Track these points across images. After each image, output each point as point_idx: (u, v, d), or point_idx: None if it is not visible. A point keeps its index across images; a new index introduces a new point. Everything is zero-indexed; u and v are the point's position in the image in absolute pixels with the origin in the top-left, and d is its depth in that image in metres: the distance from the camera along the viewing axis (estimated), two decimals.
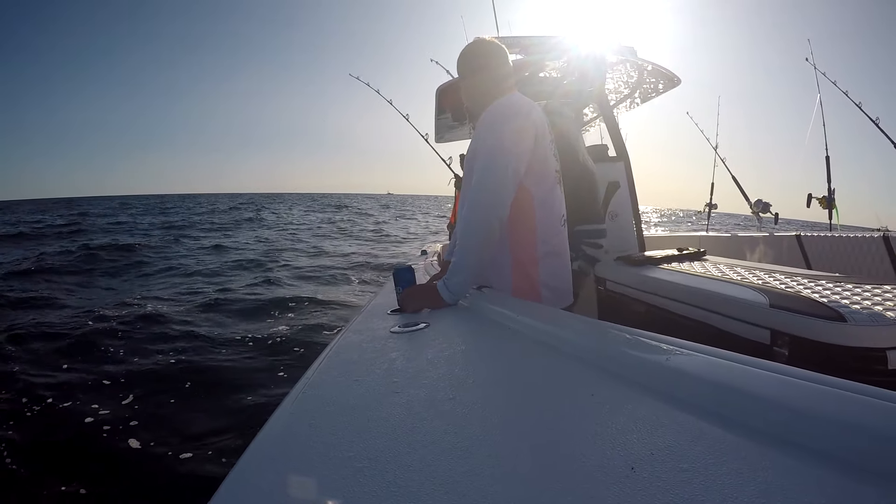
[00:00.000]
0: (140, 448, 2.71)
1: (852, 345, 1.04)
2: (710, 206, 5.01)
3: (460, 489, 0.40)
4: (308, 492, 0.43)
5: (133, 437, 2.80)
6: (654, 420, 0.49)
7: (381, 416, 0.57)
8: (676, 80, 3.04)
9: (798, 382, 0.48)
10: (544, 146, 1.37)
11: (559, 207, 1.43)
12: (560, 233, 1.44)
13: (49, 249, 10.77)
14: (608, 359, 0.67)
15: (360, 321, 1.17)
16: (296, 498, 0.42)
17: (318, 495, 0.42)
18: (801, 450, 0.40)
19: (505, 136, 1.28)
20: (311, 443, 0.52)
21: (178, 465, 2.54)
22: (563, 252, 1.46)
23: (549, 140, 1.40)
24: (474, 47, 1.48)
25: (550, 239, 1.40)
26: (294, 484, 0.44)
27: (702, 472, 0.38)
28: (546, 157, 1.38)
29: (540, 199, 1.37)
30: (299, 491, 0.43)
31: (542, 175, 1.37)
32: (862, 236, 2.43)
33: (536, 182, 1.36)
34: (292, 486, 0.44)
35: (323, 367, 0.82)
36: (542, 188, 1.37)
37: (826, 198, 3.70)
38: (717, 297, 1.44)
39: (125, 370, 3.73)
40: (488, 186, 1.26)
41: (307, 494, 0.42)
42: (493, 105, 1.35)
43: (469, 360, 0.78)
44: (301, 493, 0.42)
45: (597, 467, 0.41)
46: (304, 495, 0.42)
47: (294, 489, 0.43)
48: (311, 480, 0.44)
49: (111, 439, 2.79)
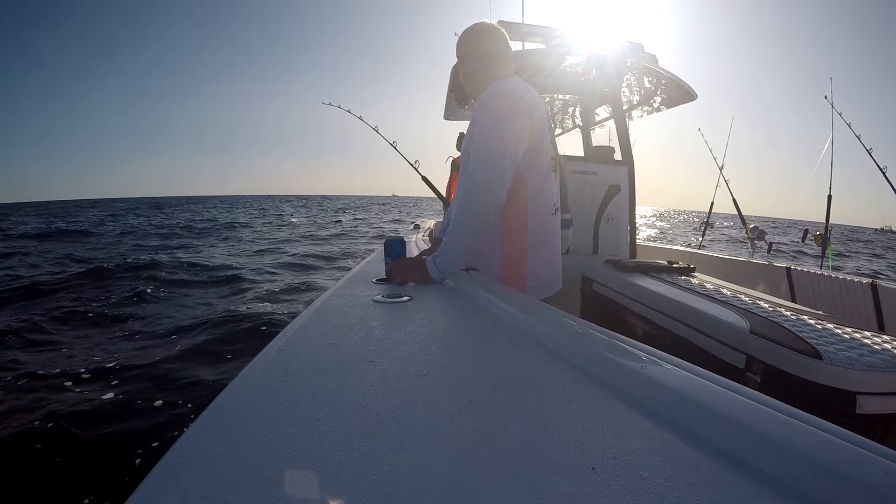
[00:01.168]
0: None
1: (824, 383, 1.06)
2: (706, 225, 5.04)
3: (421, 464, 0.40)
4: (272, 447, 0.43)
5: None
6: (620, 424, 0.49)
7: (353, 383, 0.57)
8: (693, 95, 3.02)
9: (766, 410, 0.49)
10: (541, 132, 1.34)
11: (552, 196, 1.42)
12: (551, 222, 1.42)
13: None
14: (584, 358, 0.67)
15: (344, 286, 1.17)
16: (258, 451, 0.42)
17: (282, 452, 0.42)
18: (758, 475, 0.40)
19: (502, 121, 1.25)
20: (280, 400, 0.52)
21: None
22: (554, 241, 1.45)
23: (546, 126, 1.37)
24: (473, 30, 1.44)
25: (541, 229, 1.39)
26: (258, 437, 0.44)
27: (661, 483, 0.39)
28: (542, 144, 1.35)
29: (534, 188, 1.35)
30: (262, 445, 0.43)
31: (537, 162, 1.35)
32: (850, 279, 2.46)
33: (532, 170, 1.34)
34: (256, 440, 0.44)
35: (301, 326, 0.82)
36: (537, 176, 1.35)
37: (822, 235, 3.73)
38: (699, 315, 1.46)
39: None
40: (484, 173, 1.24)
41: (271, 449, 0.42)
42: (489, 88, 1.31)
43: (448, 339, 0.78)
44: (265, 448, 0.42)
45: (558, 462, 0.41)
46: (267, 449, 0.42)
47: (257, 442, 0.43)
48: (276, 436, 0.44)
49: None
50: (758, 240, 4.17)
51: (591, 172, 2.87)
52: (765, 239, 4.15)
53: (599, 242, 2.90)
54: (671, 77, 2.84)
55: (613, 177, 2.91)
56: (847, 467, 0.40)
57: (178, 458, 0.42)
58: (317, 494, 0.37)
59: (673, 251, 3.97)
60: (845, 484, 0.38)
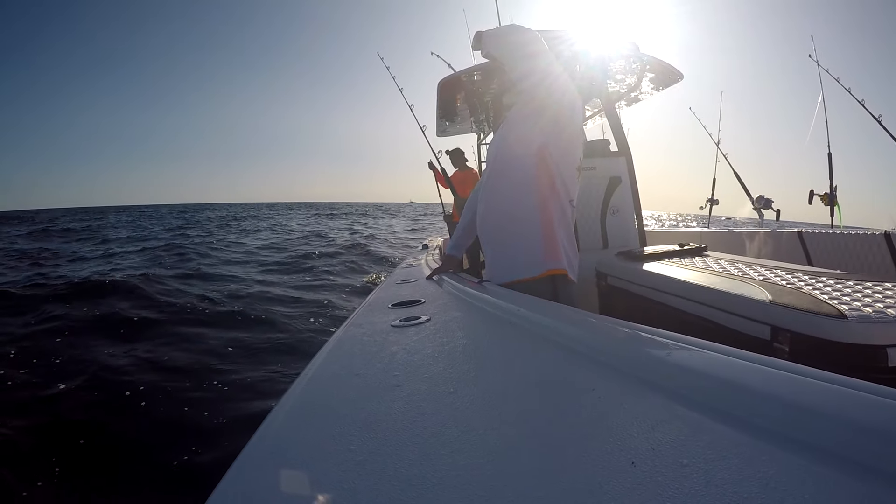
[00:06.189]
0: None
1: (853, 342, 1.04)
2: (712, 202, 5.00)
3: (460, 483, 0.40)
4: (309, 485, 0.43)
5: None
6: (654, 415, 0.49)
7: (382, 410, 0.57)
8: (679, 75, 3.03)
9: (798, 378, 0.48)
10: (570, 127, 1.46)
11: (573, 190, 1.52)
12: (570, 209, 1.51)
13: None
14: (609, 354, 0.67)
15: (361, 315, 1.17)
16: (297, 492, 0.42)
17: (319, 488, 0.42)
18: (800, 446, 0.40)
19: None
20: (310, 436, 0.52)
21: (181, 460, 2.57)
22: (571, 226, 1.54)
23: (577, 122, 1.48)
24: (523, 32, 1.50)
25: (565, 211, 1.48)
26: (294, 478, 0.44)
27: (702, 468, 0.38)
28: (574, 145, 1.48)
29: (561, 179, 1.46)
30: (300, 484, 0.43)
31: (567, 161, 1.47)
32: (863, 233, 2.43)
33: (560, 166, 1.46)
34: (292, 480, 0.44)
35: (323, 361, 0.82)
36: (566, 171, 1.47)
37: (828, 194, 3.69)
38: (718, 293, 1.44)
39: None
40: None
41: (308, 488, 0.42)
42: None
43: (470, 354, 0.78)
44: (302, 487, 0.43)
45: (597, 462, 0.41)
46: (304, 489, 0.42)
47: (294, 483, 0.43)
48: (311, 474, 0.44)
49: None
50: (764, 209, 4.14)
51: (589, 168, 2.87)
52: (772, 207, 4.12)
53: (608, 236, 2.89)
54: (655, 61, 2.86)
55: (613, 169, 2.92)
56: (891, 424, 0.39)
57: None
58: None
59: (682, 233, 3.94)
60: (891, 440, 0.37)
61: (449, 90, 3.01)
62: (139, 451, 2.63)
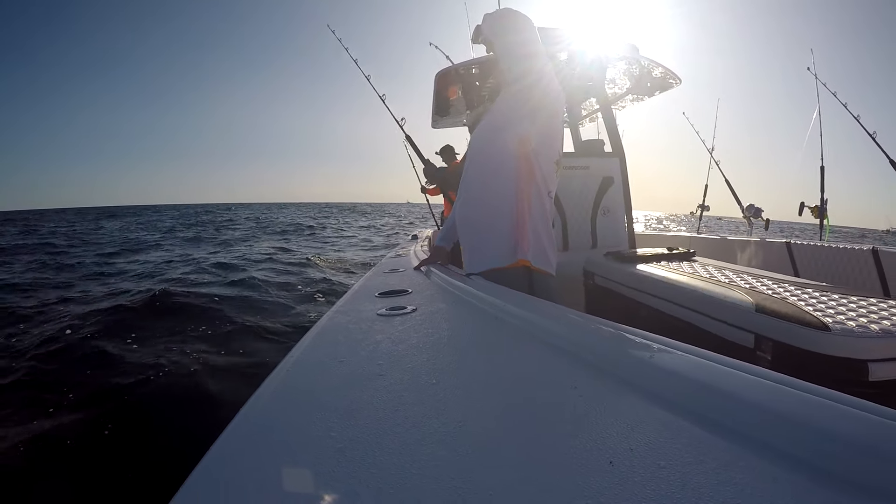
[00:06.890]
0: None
1: (835, 354, 1.05)
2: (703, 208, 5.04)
3: (439, 474, 0.40)
4: (288, 468, 0.42)
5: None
6: (634, 416, 0.49)
7: (364, 398, 0.56)
8: (677, 79, 3.03)
9: (779, 387, 0.49)
10: (555, 124, 1.48)
11: (552, 181, 1.51)
12: (548, 201, 1.50)
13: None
14: (592, 352, 0.67)
15: (347, 302, 1.17)
16: (275, 477, 0.42)
17: (299, 472, 0.42)
18: (777, 454, 0.40)
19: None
20: (291, 422, 0.52)
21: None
22: (549, 219, 1.53)
23: (560, 120, 1.50)
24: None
25: (543, 203, 1.47)
26: (273, 463, 0.44)
27: (679, 471, 0.39)
28: (555, 136, 1.48)
29: (541, 172, 1.45)
30: (279, 469, 0.43)
31: (547, 154, 1.46)
32: (851, 248, 2.46)
33: (541, 158, 1.45)
34: (272, 465, 0.43)
35: (307, 346, 0.81)
36: (545, 165, 1.46)
37: (818, 207, 3.73)
38: (704, 298, 1.45)
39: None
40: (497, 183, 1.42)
41: (287, 471, 0.42)
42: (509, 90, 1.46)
43: (454, 346, 0.78)
44: (280, 472, 0.42)
45: (575, 460, 0.41)
46: (284, 472, 0.42)
47: (273, 468, 0.43)
48: (290, 459, 0.44)
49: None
50: (754, 217, 4.18)
51: (582, 167, 2.87)
52: (761, 216, 4.16)
53: (598, 236, 2.90)
54: (654, 64, 2.86)
55: (606, 169, 2.92)
56: (867, 437, 0.40)
57: (192, 489, 0.41)
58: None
59: (672, 237, 3.97)
60: (866, 453, 0.38)
61: (446, 81, 2.99)
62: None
